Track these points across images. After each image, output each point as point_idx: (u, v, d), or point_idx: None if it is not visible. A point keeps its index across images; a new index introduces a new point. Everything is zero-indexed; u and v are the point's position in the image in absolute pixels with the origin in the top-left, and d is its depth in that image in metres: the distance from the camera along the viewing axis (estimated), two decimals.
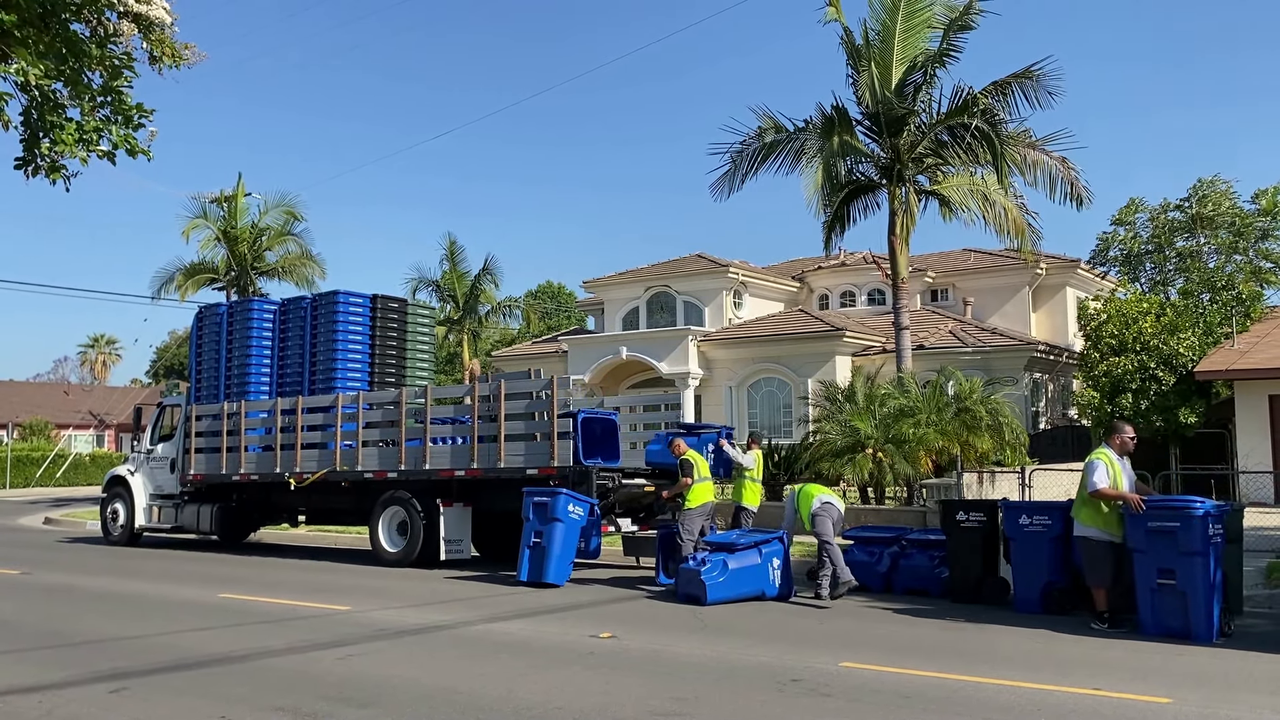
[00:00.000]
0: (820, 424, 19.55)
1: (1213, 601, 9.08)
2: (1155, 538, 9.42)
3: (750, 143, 21.27)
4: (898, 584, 12.25)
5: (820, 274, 35.37)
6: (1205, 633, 9.02)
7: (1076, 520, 10.08)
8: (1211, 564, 9.13)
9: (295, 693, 7.10)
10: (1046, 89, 19.30)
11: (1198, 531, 9.10)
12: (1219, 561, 9.25)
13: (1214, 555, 9.17)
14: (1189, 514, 9.17)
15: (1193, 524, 9.12)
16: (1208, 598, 9.06)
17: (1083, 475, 9.98)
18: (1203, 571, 9.08)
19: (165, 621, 10.34)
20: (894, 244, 20.53)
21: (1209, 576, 9.09)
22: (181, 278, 33.98)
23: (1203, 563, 9.08)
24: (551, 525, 12.57)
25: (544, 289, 66.90)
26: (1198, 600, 9.07)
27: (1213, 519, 9.21)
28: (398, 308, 18.56)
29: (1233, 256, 30.67)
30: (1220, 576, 9.27)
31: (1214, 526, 9.21)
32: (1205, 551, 9.08)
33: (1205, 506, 9.25)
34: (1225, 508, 9.59)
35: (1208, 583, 9.07)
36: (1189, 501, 9.38)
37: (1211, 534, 9.16)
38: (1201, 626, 9.04)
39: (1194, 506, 9.24)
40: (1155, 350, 24.67)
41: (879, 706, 6.70)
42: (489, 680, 7.47)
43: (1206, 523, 9.12)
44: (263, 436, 17.51)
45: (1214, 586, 9.11)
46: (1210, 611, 9.06)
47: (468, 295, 38.57)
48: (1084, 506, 9.96)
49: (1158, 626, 9.32)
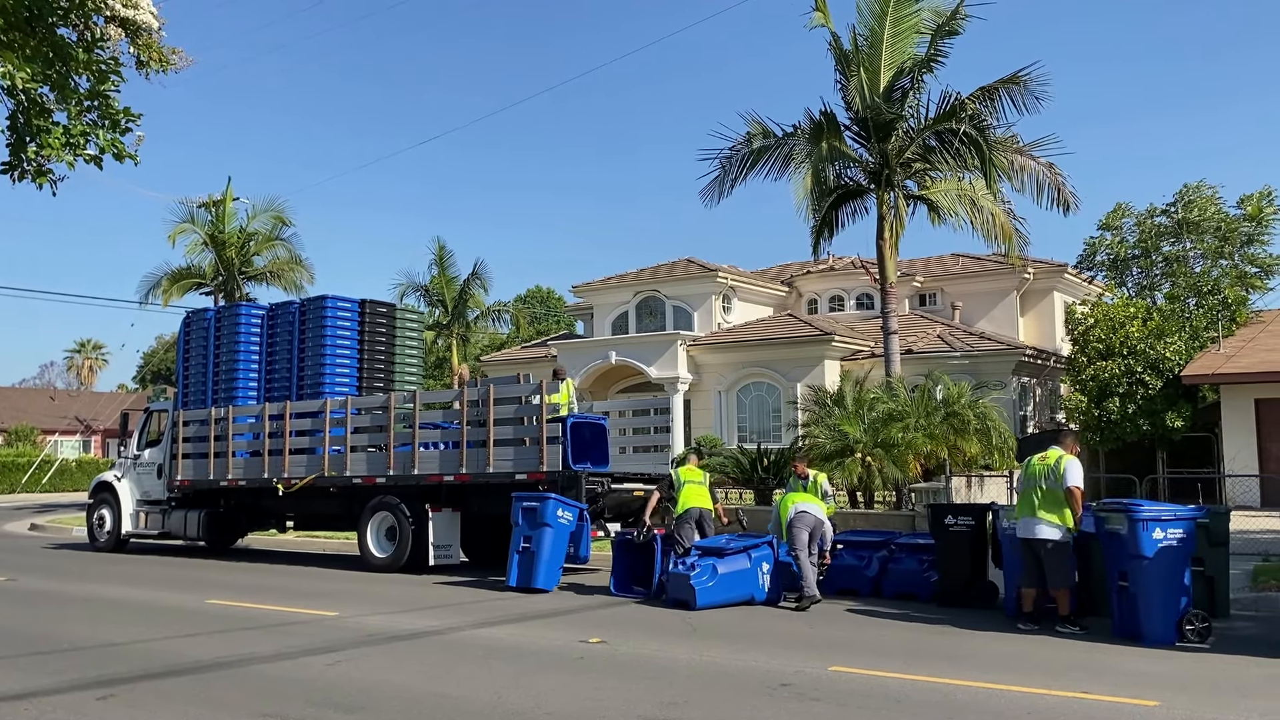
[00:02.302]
0: (809, 428, 19.57)
1: (1166, 605, 9.08)
2: (1111, 541, 9.54)
3: (739, 148, 21.29)
4: (887, 588, 12.26)
5: (809, 278, 35.42)
6: (1153, 635, 9.05)
7: (1041, 522, 9.96)
8: (1163, 567, 9.12)
9: (283, 698, 7.07)
10: (1034, 94, 19.35)
11: (1142, 535, 9.12)
12: (1178, 565, 9.20)
13: (1168, 559, 9.15)
14: (1133, 517, 9.23)
15: (1136, 527, 9.17)
16: (1159, 600, 9.07)
17: (1056, 475, 9.93)
18: (1151, 574, 9.09)
19: (152, 627, 10.28)
20: (882, 249, 20.57)
21: (1159, 579, 9.08)
22: (168, 282, 33.81)
23: (1150, 566, 9.10)
24: (541, 530, 12.56)
25: (533, 293, 66.83)
26: (1149, 602, 9.11)
27: (1163, 523, 9.20)
28: (386, 312, 18.52)
29: (1218, 261, 30.83)
30: (1184, 580, 9.23)
31: (1167, 530, 9.18)
32: (1152, 554, 9.10)
33: (1149, 510, 9.28)
34: (1186, 511, 9.53)
35: (1157, 586, 9.07)
36: (1134, 505, 9.44)
37: (1163, 538, 9.15)
38: (1154, 629, 9.08)
39: (1136, 510, 9.30)
40: (1142, 354, 24.80)
41: (868, 710, 6.71)
42: (478, 686, 7.45)
43: (1150, 526, 9.13)
44: (250, 442, 17.44)
45: (1168, 590, 9.09)
46: (1163, 614, 9.06)
47: (456, 300, 38.50)
48: (1055, 509, 9.94)
49: (1121, 628, 9.41)
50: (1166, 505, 9.73)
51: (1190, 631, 9.11)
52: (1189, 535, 9.31)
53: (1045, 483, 10.00)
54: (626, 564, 12.69)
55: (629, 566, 12.65)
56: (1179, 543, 9.24)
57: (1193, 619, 9.17)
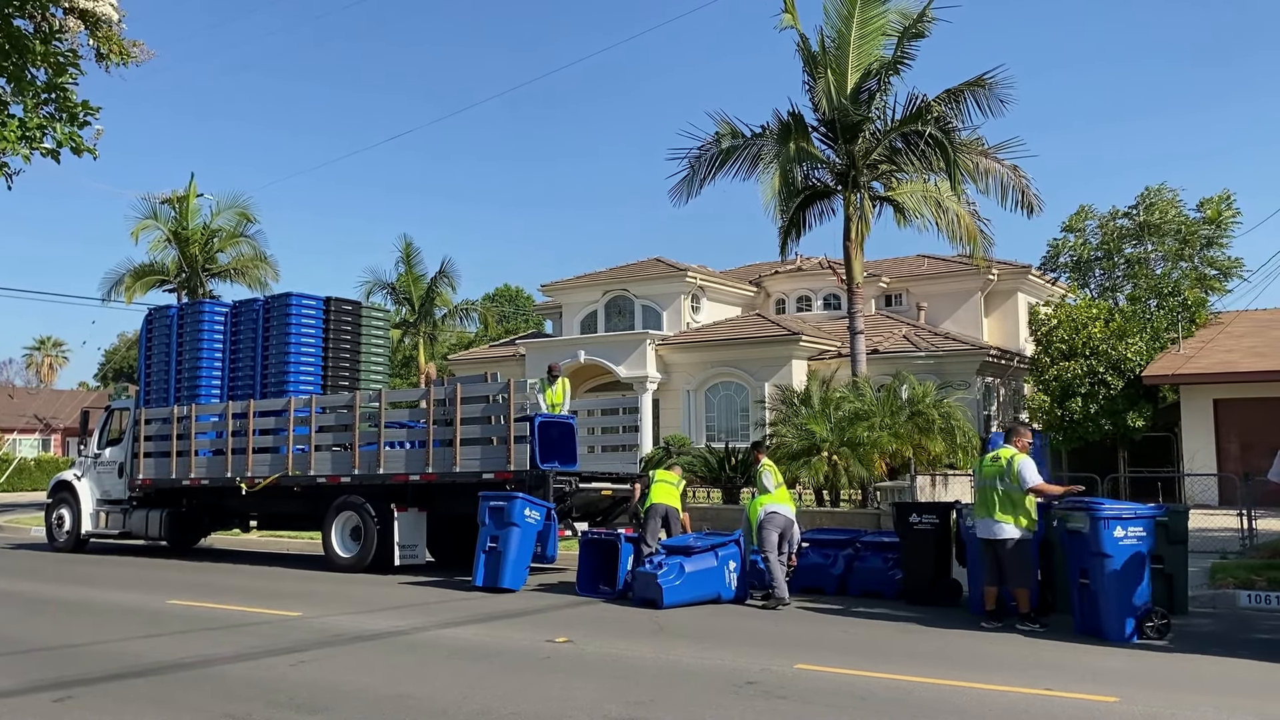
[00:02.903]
0: (777, 427, 19.64)
1: (1126, 602, 9.19)
2: (1072, 539, 9.67)
3: (708, 148, 21.33)
4: (853, 586, 12.33)
5: (777, 279, 35.55)
6: (1113, 633, 9.16)
7: (1000, 523, 10.02)
8: (1124, 565, 9.23)
9: (245, 700, 6.99)
10: (998, 97, 19.54)
11: (1103, 533, 9.23)
12: (1138, 563, 9.31)
13: (1128, 557, 9.26)
14: (1094, 516, 9.35)
15: (1098, 525, 9.29)
16: (1119, 598, 9.19)
17: (1010, 474, 9.99)
18: (1112, 572, 9.20)
19: (112, 629, 10.13)
20: (849, 250, 20.69)
21: (1119, 577, 9.19)
22: (131, 279, 33.38)
23: (1111, 564, 9.22)
24: (508, 530, 12.51)
25: (501, 292, 66.58)
26: (1109, 600, 9.22)
27: (1124, 521, 9.32)
28: (352, 310, 18.39)
29: (1179, 264, 31.30)
30: (1144, 578, 9.32)
31: (1128, 528, 9.29)
32: (1113, 553, 9.21)
33: (1110, 509, 9.40)
34: (1146, 509, 9.63)
35: (1117, 583, 9.19)
36: (1096, 504, 9.56)
37: (1124, 536, 9.26)
38: (1114, 626, 9.19)
39: (1097, 508, 9.42)
40: (1104, 355, 25.11)
41: (833, 708, 6.74)
42: (443, 686, 7.41)
43: (1111, 525, 9.24)
44: (214, 440, 17.26)
45: (1129, 587, 9.20)
46: (1123, 611, 9.18)
47: (424, 298, 38.30)
48: (1012, 509, 10.00)
49: (1082, 625, 9.53)
50: (1127, 504, 9.84)
51: (1150, 629, 9.22)
52: (1149, 533, 9.41)
53: (1001, 484, 10.07)
54: (593, 563, 12.66)
55: (596, 566, 12.62)
56: (1139, 541, 9.34)
57: (1152, 616, 9.28)
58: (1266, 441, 23.64)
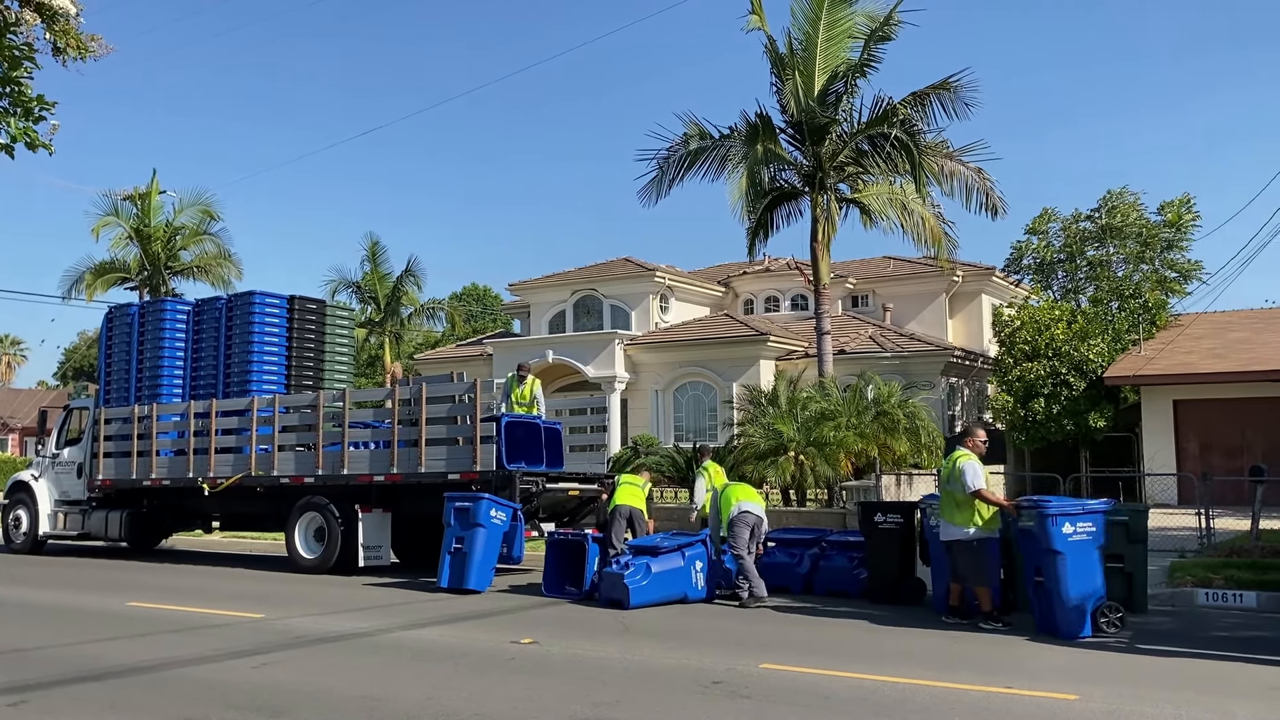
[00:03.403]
0: (744, 427, 19.71)
1: (1079, 598, 9.27)
2: (1025, 538, 9.79)
3: (677, 149, 21.37)
4: (818, 585, 12.39)
5: (745, 279, 35.66)
6: (1068, 629, 9.26)
7: (950, 523, 10.14)
8: (1075, 561, 9.31)
9: (205, 703, 6.91)
10: (963, 100, 19.74)
11: (1052, 530, 9.33)
12: (1089, 558, 9.38)
13: (1079, 553, 9.34)
14: (1043, 513, 9.47)
15: (1047, 523, 9.39)
16: (1072, 594, 9.27)
17: (954, 477, 10.08)
18: (1063, 569, 9.30)
19: (69, 631, 9.98)
20: (816, 251, 20.79)
21: (1072, 574, 9.28)
22: (91, 277, 32.95)
23: (1062, 560, 9.32)
24: (473, 531, 12.45)
25: (469, 291, 66.24)
26: (1063, 596, 9.32)
27: (1072, 518, 9.40)
28: (316, 309, 18.23)
29: (1140, 266, 31.69)
30: (1097, 573, 9.38)
31: (1077, 524, 9.37)
32: (1064, 549, 9.31)
33: (1057, 506, 9.50)
34: (1095, 505, 9.67)
35: (1070, 580, 9.28)
36: (1043, 501, 9.68)
37: (1073, 532, 9.35)
38: (1064, 623, 9.30)
39: (1045, 506, 9.53)
40: (1066, 356, 25.40)
41: (798, 707, 6.76)
42: (408, 688, 7.35)
43: (1060, 521, 9.34)
44: (175, 440, 17.06)
45: (1081, 583, 9.28)
46: (1077, 607, 9.26)
47: (390, 297, 38.07)
48: (959, 509, 10.08)
49: (1042, 623, 9.64)
50: (1074, 500, 9.95)
51: (1104, 623, 9.32)
52: (1099, 529, 9.49)
53: (949, 485, 10.20)
54: (560, 564, 12.63)
55: (562, 567, 12.59)
56: (1089, 537, 9.42)
57: (1106, 610, 9.37)
58: (1224, 442, 24.11)
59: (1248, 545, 13.72)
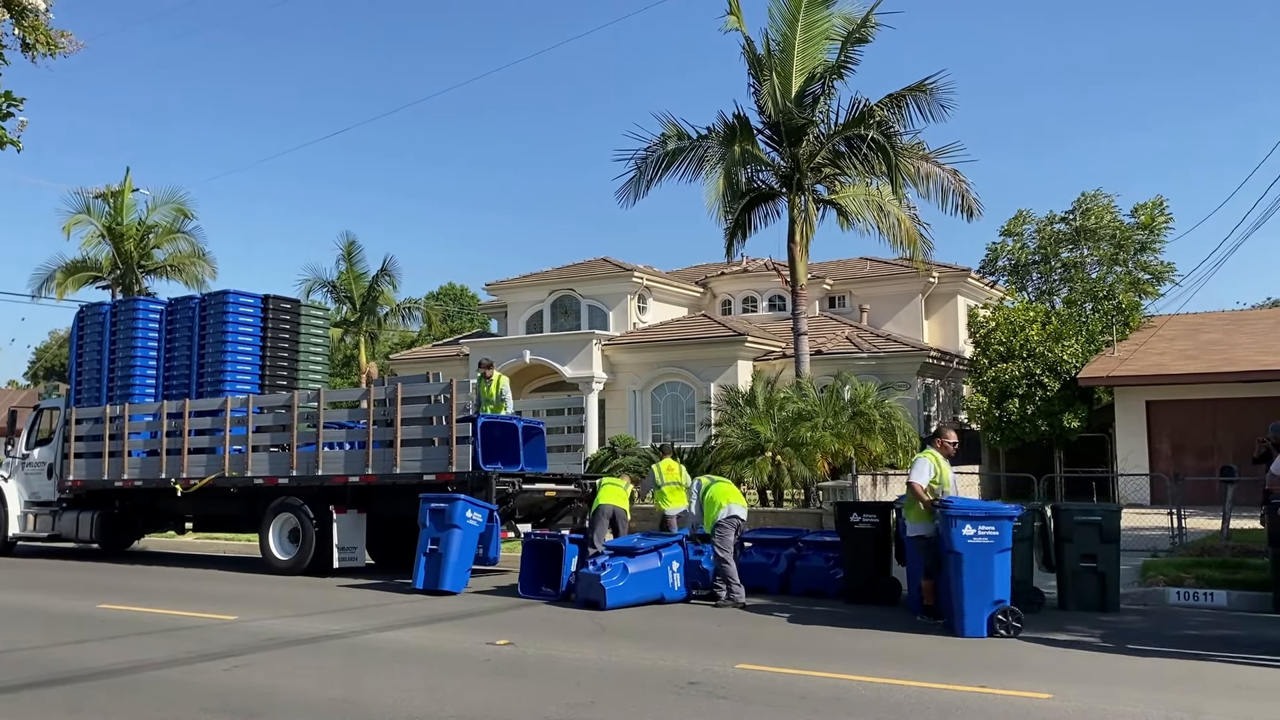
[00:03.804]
0: (722, 427, 19.73)
1: (977, 599, 9.32)
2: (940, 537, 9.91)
3: (654, 149, 21.38)
4: (794, 585, 12.42)
5: (723, 280, 35.71)
6: (964, 628, 9.34)
7: (908, 521, 10.36)
8: (975, 563, 9.35)
9: (176, 705, 6.84)
10: (939, 102, 19.84)
11: (952, 531, 9.43)
12: (987, 560, 9.35)
13: (979, 555, 9.35)
14: (945, 514, 9.62)
15: (948, 524, 9.53)
16: (970, 595, 9.34)
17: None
18: (961, 569, 9.40)
19: (39, 634, 9.86)
20: (793, 252, 20.85)
21: (971, 575, 9.34)
22: (62, 275, 32.62)
23: (959, 561, 9.42)
24: (449, 532, 12.39)
25: (446, 291, 65.94)
26: (959, 595, 9.42)
27: (973, 520, 9.44)
28: (290, 308, 18.10)
29: (1114, 268, 31.99)
30: (996, 576, 9.34)
31: (978, 527, 9.41)
32: (963, 550, 9.40)
33: (958, 507, 9.58)
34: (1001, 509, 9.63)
35: (968, 580, 9.35)
36: (945, 502, 9.82)
37: (974, 534, 9.38)
38: (959, 622, 9.40)
39: (946, 506, 9.67)
40: (1041, 357, 25.60)
41: (773, 708, 6.77)
42: (382, 690, 7.31)
43: (960, 524, 9.42)
44: (148, 441, 16.90)
45: (980, 585, 9.32)
46: (975, 608, 9.31)
47: (365, 296, 37.88)
48: (913, 507, 10.25)
49: (947, 620, 9.77)
50: (981, 503, 9.85)
51: (1000, 625, 9.32)
52: (1003, 533, 9.42)
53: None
54: (536, 565, 12.60)
55: (539, 568, 12.56)
56: (991, 540, 9.40)
57: (1004, 614, 9.34)
58: (1196, 442, 24.36)
59: (1218, 545, 13.88)
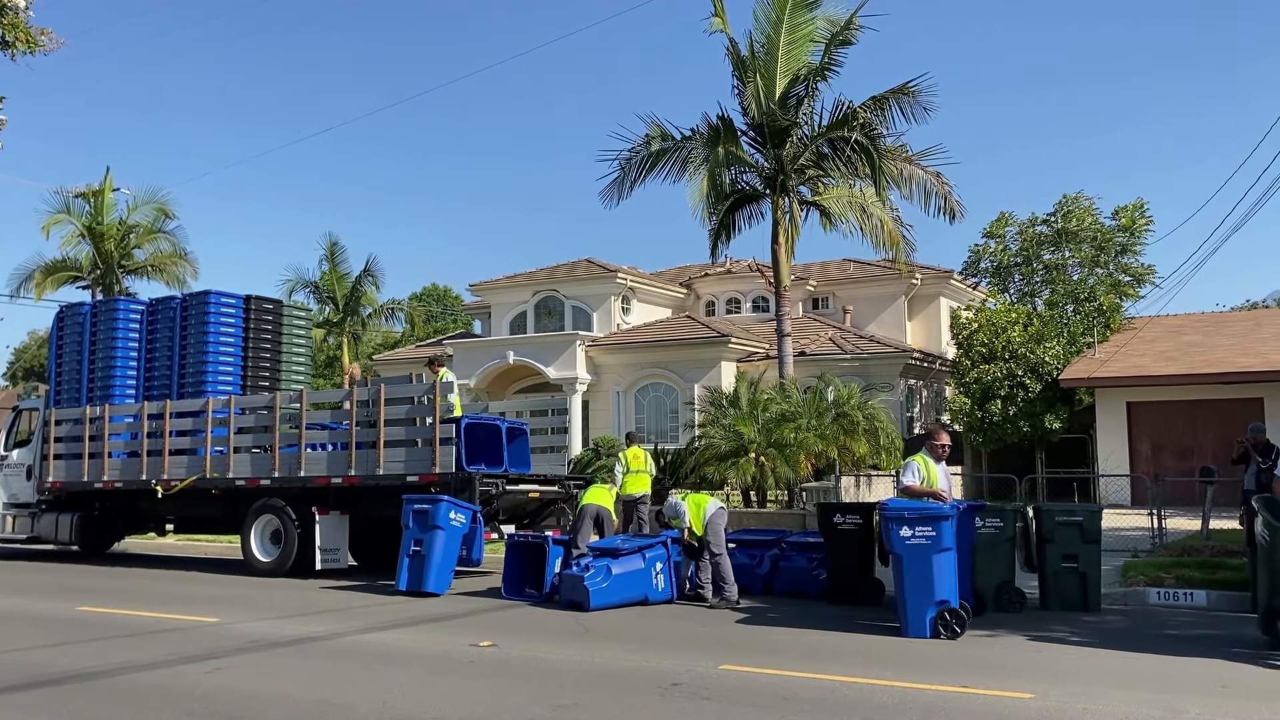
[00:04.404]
0: (705, 429, 19.76)
1: (918, 600, 9.37)
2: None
3: (638, 150, 21.40)
4: (778, 586, 12.44)
5: (707, 281, 35.76)
6: (905, 627, 9.43)
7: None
8: (914, 564, 9.37)
9: (157, 709, 6.79)
10: (922, 105, 19.96)
11: (891, 532, 9.52)
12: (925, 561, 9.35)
13: (914, 555, 9.40)
14: (883, 515, 9.74)
15: (886, 524, 9.63)
16: (910, 595, 9.39)
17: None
18: (902, 570, 9.49)
19: (17, 637, 9.77)
20: (777, 253, 20.90)
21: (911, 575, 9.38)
22: (42, 275, 32.39)
23: (899, 561, 9.52)
24: (432, 533, 12.35)
25: (429, 291, 65.74)
26: (901, 594, 9.51)
27: (909, 521, 9.46)
28: (273, 309, 18.01)
29: (1095, 270, 32.15)
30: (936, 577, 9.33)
31: (915, 528, 9.43)
32: (901, 551, 9.47)
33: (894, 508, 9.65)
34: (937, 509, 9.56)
35: (908, 581, 9.41)
36: (883, 503, 10.03)
37: (910, 535, 9.41)
38: (903, 621, 9.49)
39: (884, 508, 9.84)
40: (1023, 358, 25.74)
41: (757, 709, 6.77)
42: (364, 692, 7.27)
43: (898, 525, 9.49)
44: (128, 442, 16.78)
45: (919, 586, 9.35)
46: (912, 606, 9.39)
47: (348, 297, 37.75)
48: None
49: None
50: (917, 505, 9.72)
51: (942, 625, 9.33)
52: (940, 534, 9.40)
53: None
54: (520, 566, 12.57)
55: (522, 569, 12.53)
56: (929, 540, 9.40)
57: (946, 615, 9.33)
58: (1176, 443, 24.56)
59: (1198, 545, 13.98)
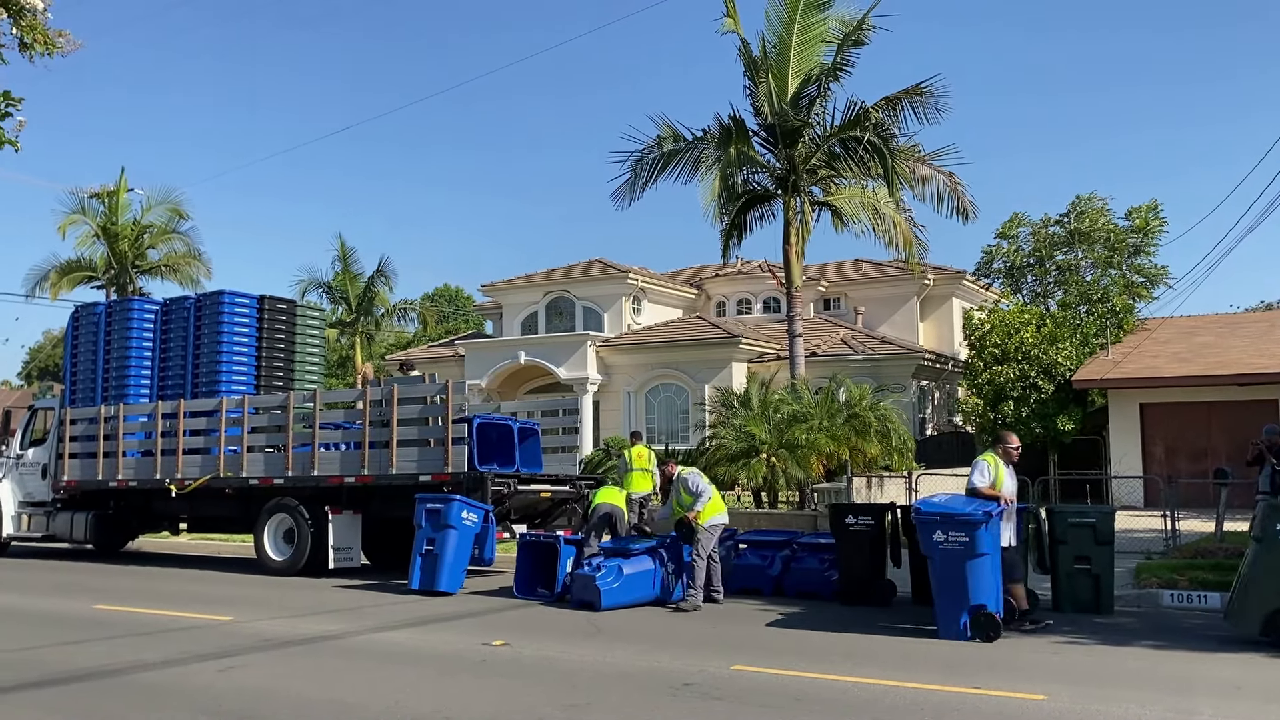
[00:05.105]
0: (716, 429, 19.76)
1: (953, 602, 9.36)
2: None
3: (650, 151, 21.39)
4: (789, 587, 12.43)
5: (718, 281, 35.76)
6: (944, 629, 9.40)
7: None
8: (948, 568, 9.38)
9: (169, 707, 6.83)
10: (935, 105, 19.89)
11: (923, 536, 9.55)
12: (960, 565, 9.33)
13: (948, 558, 9.39)
14: (918, 518, 9.73)
15: (919, 528, 9.63)
16: (945, 598, 9.41)
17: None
18: (933, 572, 9.56)
19: (33, 635, 9.83)
20: (788, 253, 20.87)
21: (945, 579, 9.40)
22: (57, 275, 32.57)
23: (932, 565, 9.56)
24: (445, 532, 12.39)
25: (441, 292, 65.91)
26: (938, 596, 9.52)
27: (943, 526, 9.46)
28: (286, 309, 18.08)
29: (1108, 271, 32.00)
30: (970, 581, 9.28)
31: (949, 533, 9.42)
32: (936, 556, 9.48)
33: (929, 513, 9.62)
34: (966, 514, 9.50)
35: (944, 585, 9.43)
36: (918, 506, 10.00)
37: (943, 540, 9.40)
38: (941, 622, 9.47)
39: (918, 511, 9.81)
40: (1035, 360, 25.65)
41: (769, 709, 6.77)
42: (376, 691, 7.30)
43: (932, 529, 9.49)
44: (142, 441, 16.86)
45: (953, 589, 9.35)
46: (948, 608, 9.38)
47: (361, 297, 37.89)
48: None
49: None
50: (949, 509, 9.63)
51: (977, 631, 9.25)
52: (974, 539, 9.31)
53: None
54: (531, 566, 12.59)
55: (534, 568, 12.55)
56: (961, 547, 9.36)
57: (980, 618, 9.26)
58: (1190, 444, 24.43)
59: (1212, 547, 13.89)
